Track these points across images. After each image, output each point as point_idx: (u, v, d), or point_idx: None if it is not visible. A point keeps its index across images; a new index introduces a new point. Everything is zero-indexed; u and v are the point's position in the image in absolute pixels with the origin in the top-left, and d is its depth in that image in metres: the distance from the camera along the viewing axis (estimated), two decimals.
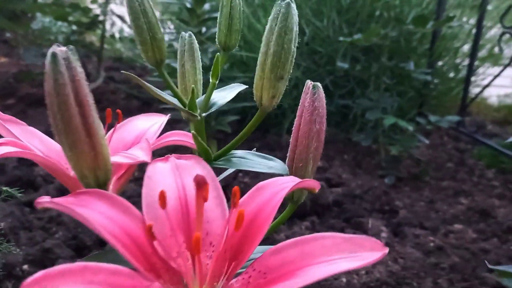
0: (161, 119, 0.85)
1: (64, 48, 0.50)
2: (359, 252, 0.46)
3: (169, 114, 0.86)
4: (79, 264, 0.43)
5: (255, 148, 0.72)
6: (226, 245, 0.55)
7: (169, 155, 0.63)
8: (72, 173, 0.68)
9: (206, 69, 0.81)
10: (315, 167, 0.72)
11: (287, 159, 0.73)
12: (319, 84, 0.69)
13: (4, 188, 1.11)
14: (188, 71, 0.75)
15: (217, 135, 2.73)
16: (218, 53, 0.65)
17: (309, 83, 0.69)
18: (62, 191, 2.27)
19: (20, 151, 0.64)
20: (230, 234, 0.55)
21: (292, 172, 0.71)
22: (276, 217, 0.72)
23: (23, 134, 0.73)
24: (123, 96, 3.70)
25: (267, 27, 0.58)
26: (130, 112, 3.89)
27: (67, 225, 1.87)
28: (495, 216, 2.07)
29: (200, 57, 0.76)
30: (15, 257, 1.65)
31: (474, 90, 2.97)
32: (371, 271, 1.66)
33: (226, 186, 2.21)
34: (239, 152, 0.67)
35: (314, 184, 0.60)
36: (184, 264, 0.53)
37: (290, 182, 0.58)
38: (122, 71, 0.69)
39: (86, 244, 1.77)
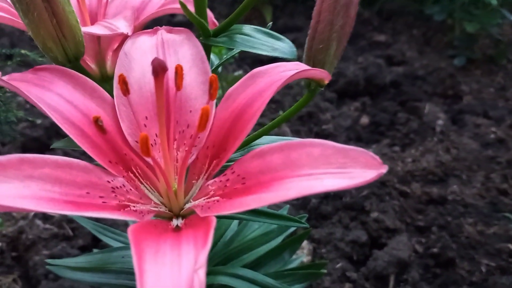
0: None
1: None
2: (350, 168, 0.37)
3: None
4: (13, 156, 0.37)
5: (270, 24, 0.60)
6: (209, 140, 0.47)
7: (158, 27, 0.53)
8: None
9: None
10: (340, 50, 0.60)
11: (307, 38, 0.61)
12: None
13: None
14: None
15: (274, 0, 2.53)
16: None
17: None
18: None
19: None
20: (215, 129, 0.47)
21: (311, 55, 0.59)
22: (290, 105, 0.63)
23: None
24: None
25: None
26: None
27: None
28: None
29: None
30: None
31: None
32: (418, 159, 1.56)
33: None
34: (244, 28, 0.56)
35: (323, 75, 0.48)
36: (159, 158, 0.46)
37: (291, 70, 0.47)
38: None
39: None
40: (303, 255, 1.19)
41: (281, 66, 0.49)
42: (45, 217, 1.35)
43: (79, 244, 1.28)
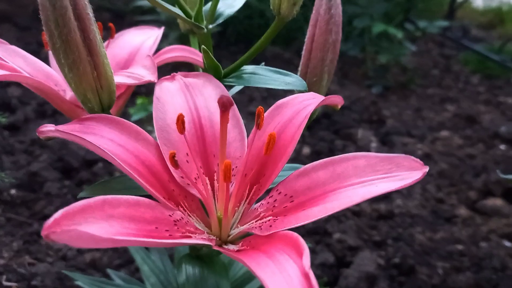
0: (155, 33, 0.77)
1: None
2: (396, 172, 0.44)
3: (163, 27, 0.78)
4: (98, 198, 0.39)
5: (263, 63, 0.66)
6: (247, 168, 0.52)
7: (174, 73, 0.57)
8: (68, 96, 0.63)
9: None
10: (330, 81, 0.68)
11: (298, 74, 0.68)
12: None
13: None
14: None
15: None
16: None
17: None
18: (40, 113, 2.19)
19: (10, 74, 0.57)
20: (251, 157, 0.52)
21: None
22: None
23: (6, 54, 0.66)
24: (93, 7, 3.47)
25: None
26: (102, 26, 3.64)
27: (51, 147, 1.81)
28: (481, 121, 2.09)
29: None
30: (1, 182, 1.61)
31: None
32: None
33: None
34: (249, 68, 0.62)
35: (338, 100, 0.56)
36: (203, 189, 0.50)
37: (313, 99, 0.54)
38: None
39: (73, 166, 1.73)
40: None
41: (299, 97, 0.55)
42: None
43: None
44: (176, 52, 0.68)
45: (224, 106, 0.43)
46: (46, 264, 1.32)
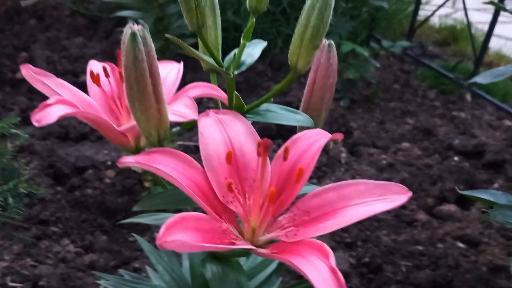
0: (176, 66, 0.90)
1: (140, 27, 0.56)
2: (388, 195, 0.60)
3: (181, 62, 0.91)
4: (178, 216, 0.53)
5: (271, 99, 0.81)
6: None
7: (208, 110, 0.71)
8: (119, 128, 0.75)
9: None
10: (326, 115, 0.84)
11: (300, 108, 0.84)
12: (332, 42, 0.78)
13: None
14: (210, 26, 0.80)
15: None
16: (252, 17, 0.72)
17: (325, 41, 0.78)
18: (25, 118, 2.25)
19: (75, 111, 0.69)
20: (273, 181, 0.67)
21: None
22: None
23: (55, 87, 0.78)
24: (68, 13, 3.51)
25: (308, 3, 0.65)
26: (77, 31, 3.66)
27: (40, 153, 1.89)
28: (437, 134, 2.32)
29: (219, 12, 0.81)
30: None
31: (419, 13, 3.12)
32: None
33: None
34: (263, 106, 0.76)
35: (339, 136, 0.72)
36: (239, 205, 0.64)
37: (318, 135, 0.69)
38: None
39: (64, 172, 1.82)
40: None
41: (308, 132, 0.71)
42: None
43: None
44: (201, 88, 0.81)
45: (266, 147, 0.58)
46: (48, 266, 1.42)
